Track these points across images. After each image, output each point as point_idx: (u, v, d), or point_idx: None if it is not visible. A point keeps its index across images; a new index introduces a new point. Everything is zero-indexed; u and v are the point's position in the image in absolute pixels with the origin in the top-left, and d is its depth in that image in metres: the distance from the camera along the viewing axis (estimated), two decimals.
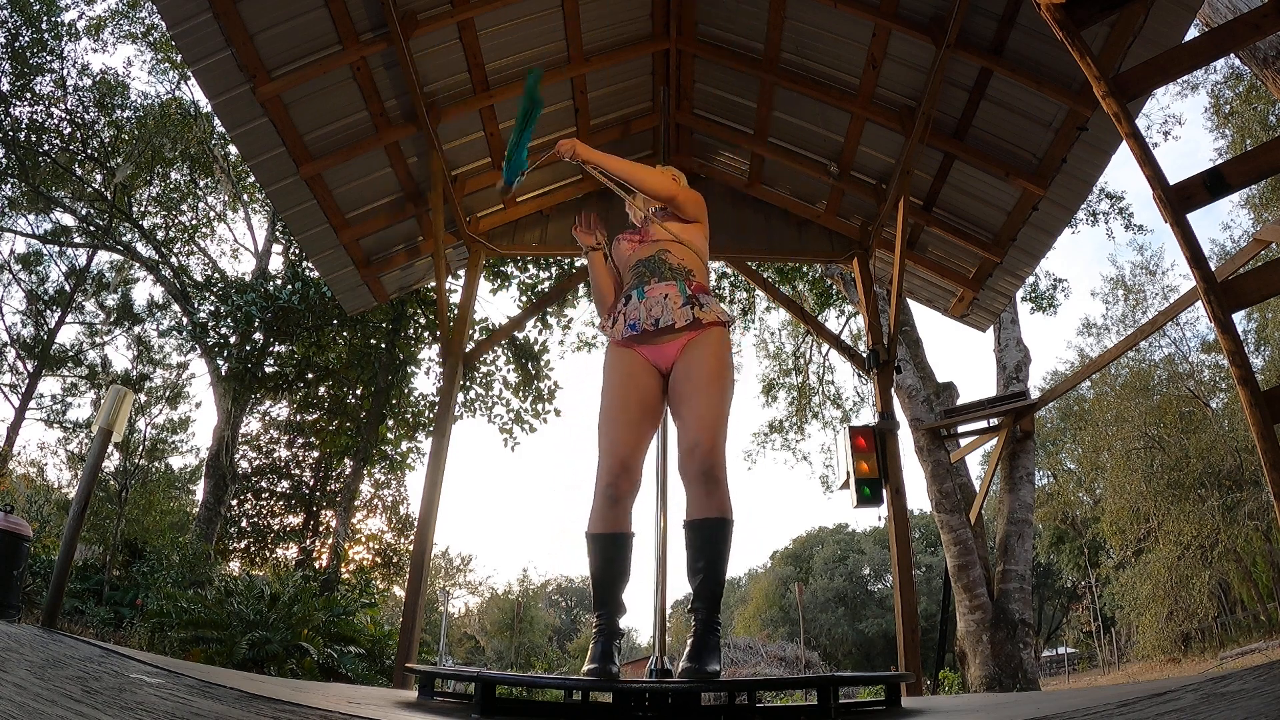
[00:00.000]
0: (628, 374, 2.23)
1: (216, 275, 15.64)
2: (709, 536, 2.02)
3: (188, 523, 15.62)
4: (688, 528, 2.05)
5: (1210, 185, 2.25)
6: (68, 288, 18.73)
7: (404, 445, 14.65)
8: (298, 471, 15.06)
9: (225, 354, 12.98)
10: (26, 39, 13.55)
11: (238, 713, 1.28)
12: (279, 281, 13.59)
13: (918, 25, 4.32)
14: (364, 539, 14.96)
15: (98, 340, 19.71)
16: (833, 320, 12.80)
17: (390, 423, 14.08)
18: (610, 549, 2.10)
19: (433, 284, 5.84)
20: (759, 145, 5.58)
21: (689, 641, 1.99)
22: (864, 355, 5.69)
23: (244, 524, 14.47)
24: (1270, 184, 13.09)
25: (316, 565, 12.84)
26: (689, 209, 2.44)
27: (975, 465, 15.38)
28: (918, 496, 32.55)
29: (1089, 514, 22.16)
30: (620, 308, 2.32)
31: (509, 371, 13.71)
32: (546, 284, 12.37)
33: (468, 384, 13.49)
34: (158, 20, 13.40)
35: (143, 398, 17.64)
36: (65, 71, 14.15)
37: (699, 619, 2.00)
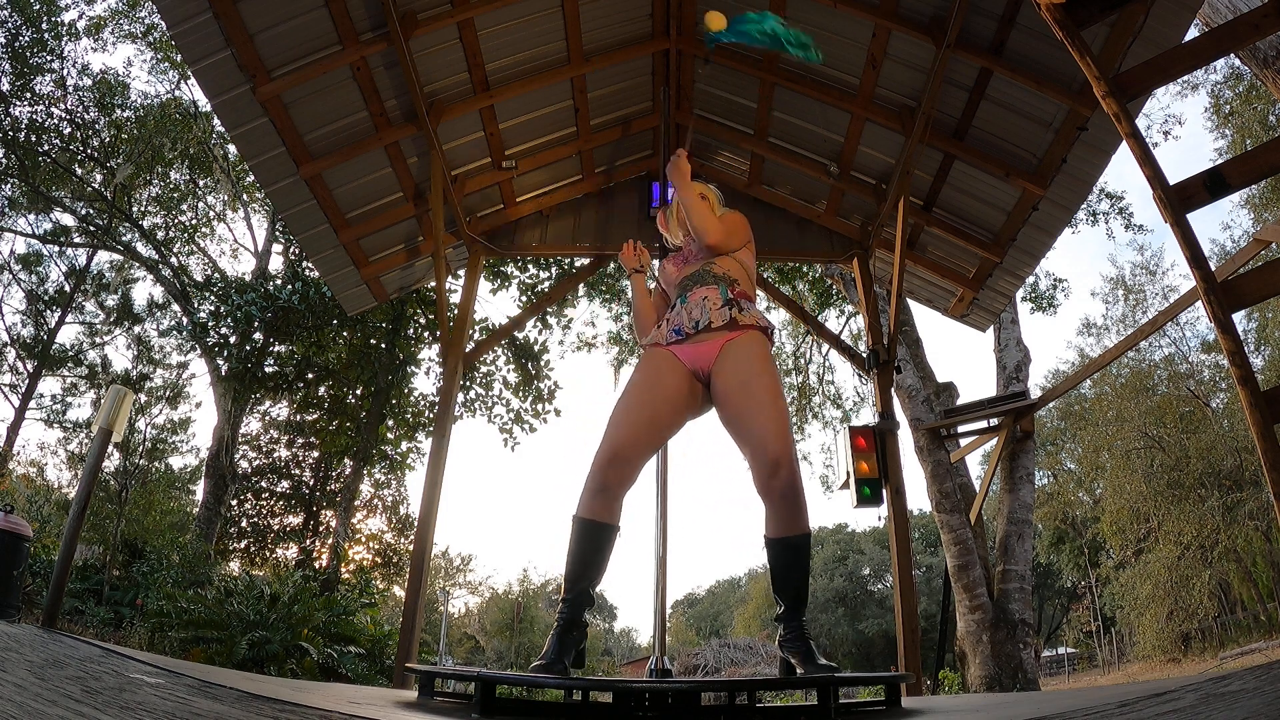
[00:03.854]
0: (655, 372, 2.25)
1: (216, 275, 15.64)
2: (800, 553, 2.10)
3: (188, 523, 15.62)
4: (777, 545, 2.10)
5: (1210, 185, 2.26)
6: (68, 288, 18.73)
7: (404, 445, 14.67)
8: (298, 471, 15.07)
9: (225, 354, 12.99)
10: (26, 39, 13.55)
11: (238, 713, 1.28)
12: (279, 281, 13.60)
13: (918, 25, 4.32)
14: (364, 539, 14.97)
15: (98, 340, 19.72)
16: (833, 320, 12.81)
17: (390, 423, 14.08)
18: (586, 535, 2.11)
19: (433, 284, 5.84)
20: (759, 145, 5.58)
21: (794, 648, 2.05)
22: (864, 355, 5.69)
23: (244, 524, 14.47)
24: (1270, 184, 13.09)
25: (316, 565, 12.84)
26: (732, 245, 2.44)
27: (975, 465, 15.38)
28: (918, 496, 32.57)
29: (1089, 514, 22.16)
30: (665, 316, 2.37)
31: (509, 371, 13.71)
32: (546, 284, 12.38)
33: (468, 384, 13.50)
34: (158, 20, 13.40)
35: (143, 398, 17.63)
36: (65, 71, 14.16)
37: (796, 623, 2.08)
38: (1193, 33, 3.95)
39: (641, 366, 2.30)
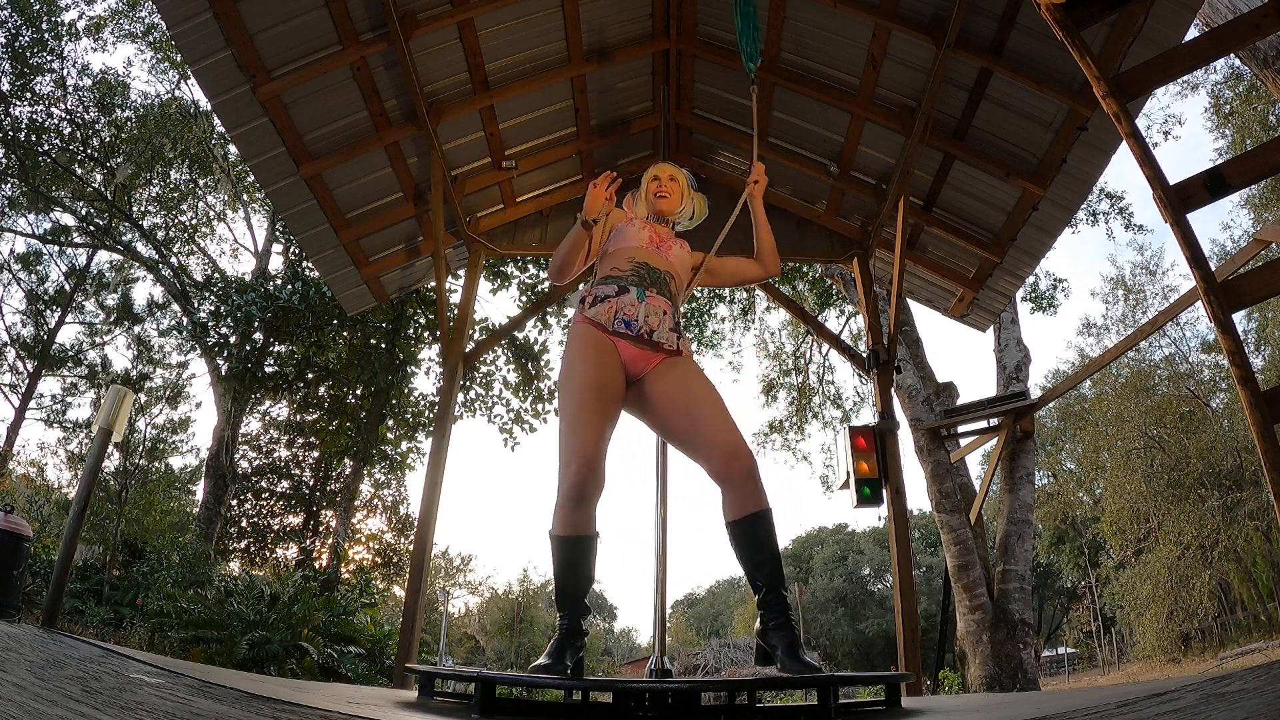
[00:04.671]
0: (603, 366, 2.14)
1: (216, 275, 15.64)
2: (766, 527, 2.04)
3: (188, 523, 15.62)
4: (741, 524, 2.03)
5: (1210, 185, 2.26)
6: (68, 287, 18.73)
7: (404, 445, 14.66)
8: (298, 471, 15.06)
9: (225, 354, 12.99)
10: (26, 39, 13.55)
11: (238, 713, 1.28)
12: (279, 281, 13.60)
13: (918, 25, 4.32)
14: (364, 539, 14.97)
15: (98, 340, 19.73)
16: (833, 320, 12.81)
17: (390, 423, 14.08)
18: (574, 552, 2.06)
19: (433, 284, 5.84)
20: (759, 145, 5.57)
21: (778, 637, 1.94)
22: (864, 355, 5.69)
23: (244, 524, 14.47)
24: (1270, 184, 13.09)
25: (316, 565, 12.84)
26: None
27: (975, 465, 15.40)
28: (918, 496, 32.59)
29: (1089, 514, 22.16)
30: (611, 296, 2.22)
31: (509, 371, 13.71)
32: (546, 284, 12.37)
33: (468, 384, 13.50)
34: (158, 20, 13.41)
35: (143, 398, 17.63)
36: (65, 71, 14.16)
37: (777, 611, 1.98)
38: (1193, 33, 3.95)
39: (587, 354, 2.15)
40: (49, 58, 13.86)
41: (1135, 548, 18.51)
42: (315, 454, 14.90)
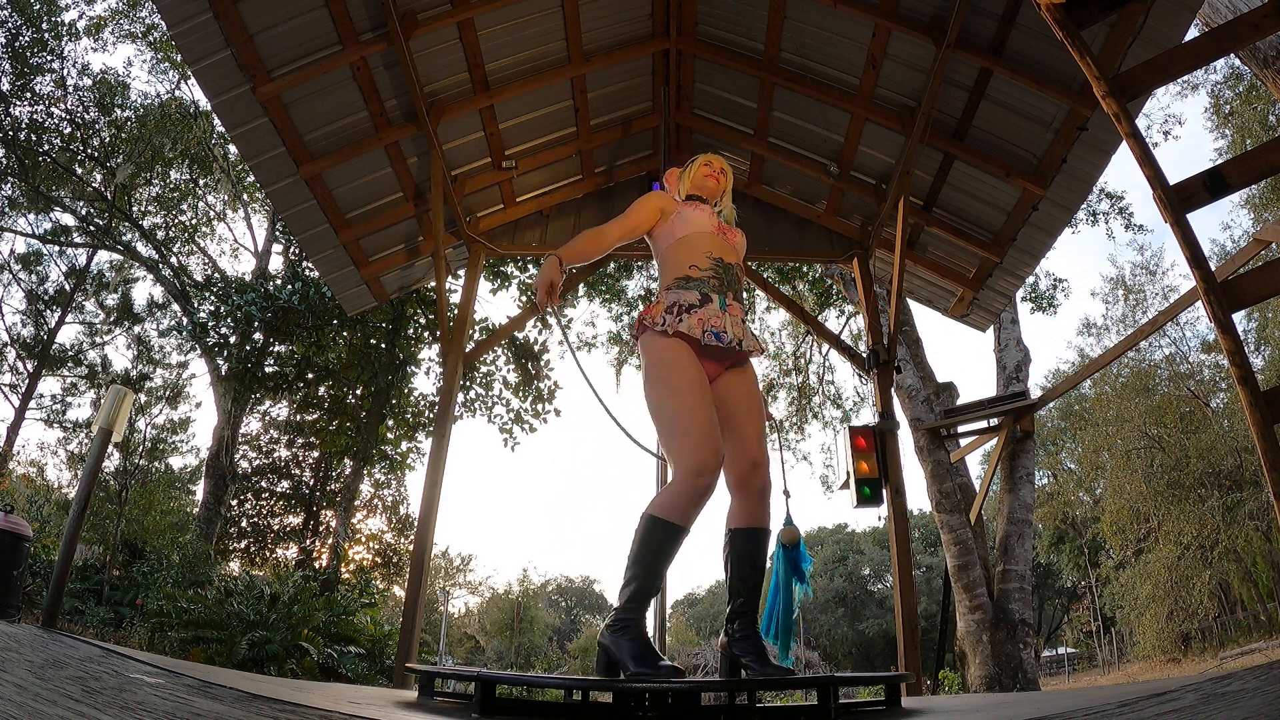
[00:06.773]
0: (699, 375, 2.12)
1: (216, 275, 15.63)
2: (763, 544, 2.16)
3: (188, 523, 15.61)
4: (747, 535, 2.12)
5: (1210, 185, 2.25)
6: (68, 287, 18.73)
7: (404, 445, 14.66)
8: (298, 471, 15.06)
9: (225, 354, 12.99)
10: (26, 39, 13.55)
11: (238, 713, 1.28)
12: (279, 281, 13.60)
13: (918, 25, 4.32)
14: (364, 539, 14.96)
15: (98, 340, 19.72)
16: (833, 320, 12.80)
17: (390, 423, 14.07)
18: (675, 543, 2.02)
19: (433, 284, 5.84)
20: (759, 145, 5.58)
21: (747, 646, 2.04)
22: (864, 355, 5.69)
23: (244, 524, 14.47)
24: (1270, 184, 13.09)
25: (316, 565, 12.84)
26: None
27: (975, 465, 15.39)
28: (918, 496, 32.57)
29: (1089, 514, 22.15)
30: (695, 308, 2.15)
31: (509, 371, 13.71)
32: None
33: (468, 384, 13.49)
34: (158, 20, 13.41)
35: (143, 398, 17.62)
36: (65, 71, 14.16)
37: (750, 623, 2.09)
38: (1193, 33, 3.95)
39: (684, 364, 2.11)
40: (49, 58, 13.86)
41: (1135, 548, 18.50)
42: (315, 454, 14.89)
